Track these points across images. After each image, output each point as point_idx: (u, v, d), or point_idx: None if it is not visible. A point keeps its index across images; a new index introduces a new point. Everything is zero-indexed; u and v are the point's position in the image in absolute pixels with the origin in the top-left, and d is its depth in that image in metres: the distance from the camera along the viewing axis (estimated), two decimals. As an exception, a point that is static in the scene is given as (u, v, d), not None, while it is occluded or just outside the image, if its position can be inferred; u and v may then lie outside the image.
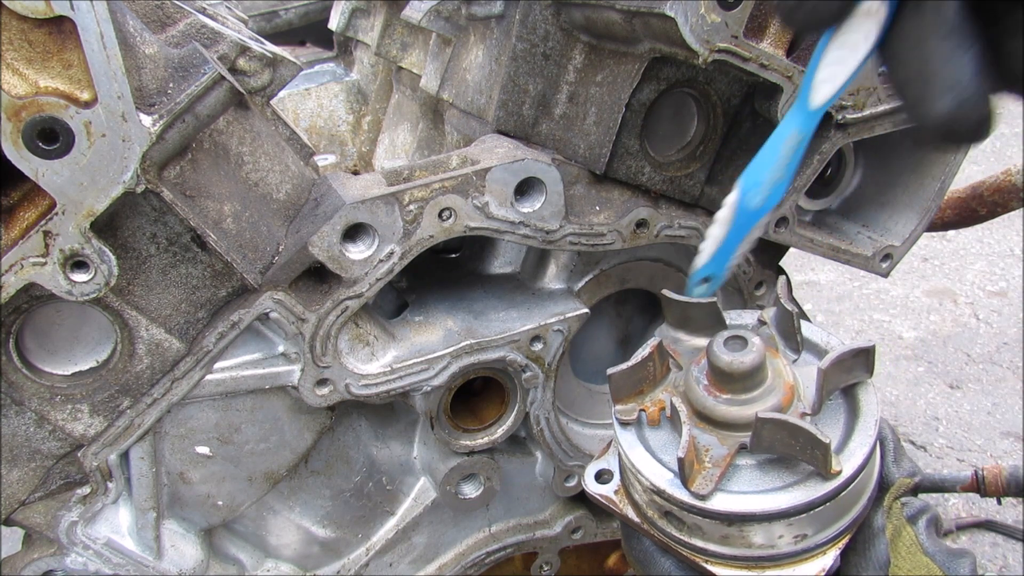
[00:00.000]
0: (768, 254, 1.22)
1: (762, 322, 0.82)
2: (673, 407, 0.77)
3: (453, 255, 1.21)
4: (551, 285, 1.17)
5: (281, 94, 1.18)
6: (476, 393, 1.19)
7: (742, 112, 1.12)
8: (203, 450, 1.05)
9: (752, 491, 0.72)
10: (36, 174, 0.73)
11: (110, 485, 1.00)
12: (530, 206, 1.03)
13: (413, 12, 1.25)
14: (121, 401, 0.96)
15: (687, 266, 1.26)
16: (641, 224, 1.11)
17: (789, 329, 0.80)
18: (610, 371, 0.80)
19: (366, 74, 1.70)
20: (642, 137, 1.09)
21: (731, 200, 0.76)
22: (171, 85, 0.82)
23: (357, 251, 0.96)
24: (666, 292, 0.83)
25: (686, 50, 0.91)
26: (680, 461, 0.71)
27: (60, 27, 0.71)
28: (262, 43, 1.00)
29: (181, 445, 1.04)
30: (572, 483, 1.27)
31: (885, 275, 1.25)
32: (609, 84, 1.05)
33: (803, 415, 0.73)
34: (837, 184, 1.27)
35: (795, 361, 0.79)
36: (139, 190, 0.79)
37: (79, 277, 0.80)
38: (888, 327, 3.10)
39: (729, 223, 0.78)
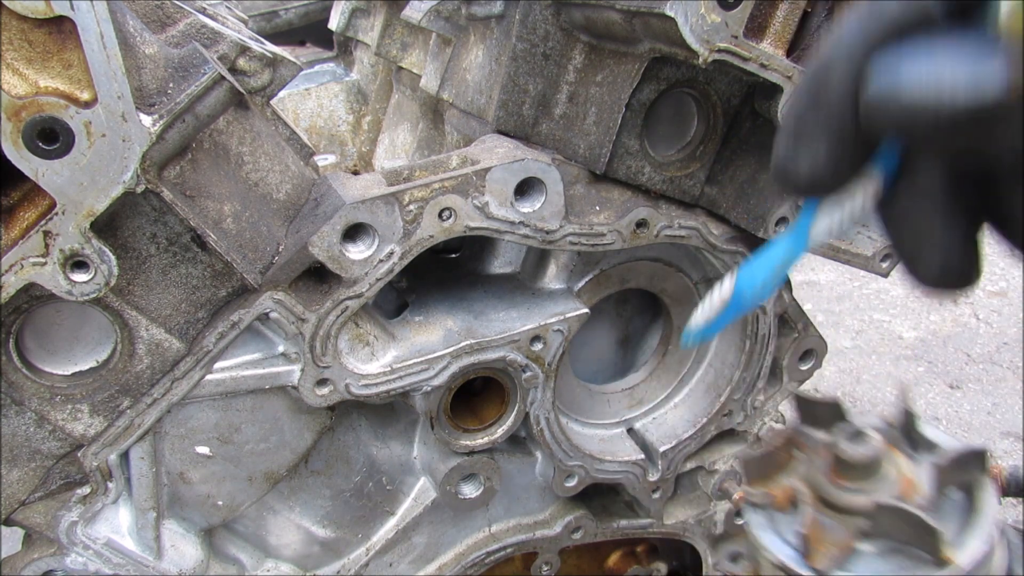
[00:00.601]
0: (768, 254, 1.21)
1: (884, 422, 0.89)
2: (798, 491, 0.85)
3: (453, 255, 1.21)
4: (551, 285, 1.17)
5: (281, 94, 1.18)
6: (476, 393, 1.19)
7: (742, 112, 1.12)
8: (203, 450, 1.05)
9: (871, 574, 0.78)
10: (36, 174, 0.73)
11: (110, 485, 1.00)
12: (530, 206, 1.03)
13: (413, 12, 1.25)
14: (121, 401, 0.96)
15: (687, 266, 1.27)
16: (641, 224, 1.10)
17: (909, 428, 0.86)
18: (742, 456, 0.91)
19: (366, 74, 1.70)
20: (642, 137, 1.09)
21: (728, 287, 0.81)
22: (171, 85, 0.82)
23: (357, 251, 0.96)
24: (799, 392, 0.89)
25: (686, 50, 0.91)
26: (802, 536, 0.79)
27: (60, 27, 0.71)
28: (262, 43, 1.00)
29: (181, 445, 1.04)
30: (572, 483, 1.27)
31: (885, 275, 1.25)
32: (609, 84, 1.05)
33: (920, 507, 0.79)
34: (837, 184, 1.26)
35: (915, 459, 0.85)
36: (139, 190, 0.79)
37: (79, 277, 0.80)
38: (888, 327, 3.10)
39: (724, 304, 0.83)
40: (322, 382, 1.01)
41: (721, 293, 0.82)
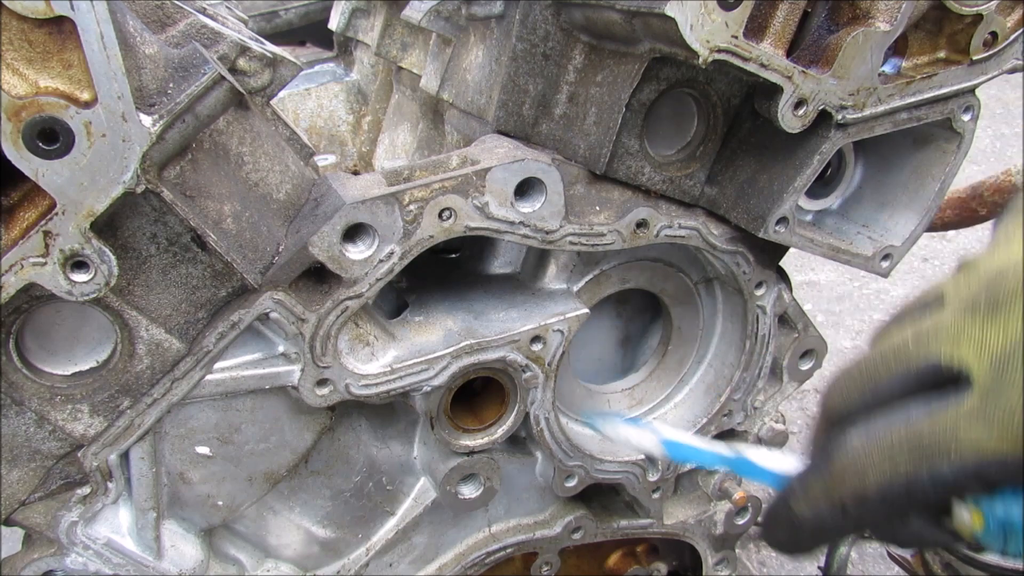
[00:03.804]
0: (768, 254, 1.22)
1: None
2: None
3: (453, 255, 1.21)
4: (551, 285, 1.17)
5: (281, 94, 1.18)
6: (476, 393, 1.19)
7: (742, 112, 1.12)
8: (203, 450, 1.05)
9: None
10: (36, 174, 0.73)
11: (110, 485, 1.00)
12: (530, 206, 1.03)
13: (413, 12, 1.25)
14: (121, 401, 0.96)
15: (687, 266, 1.27)
16: (641, 224, 1.11)
17: None
18: None
19: (366, 74, 1.70)
20: (642, 137, 1.09)
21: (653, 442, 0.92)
22: (171, 85, 0.82)
23: (357, 251, 0.96)
24: None
25: (686, 50, 0.91)
26: None
27: (60, 27, 0.71)
28: (262, 43, 1.00)
29: (181, 445, 1.04)
30: (572, 483, 1.27)
31: (885, 275, 1.25)
32: (609, 84, 1.05)
33: None
34: (837, 184, 1.27)
35: None
36: (139, 190, 0.79)
37: (79, 277, 0.80)
38: (888, 327, 3.09)
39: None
40: (322, 382, 1.02)
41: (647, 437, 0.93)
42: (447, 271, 1.19)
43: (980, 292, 0.58)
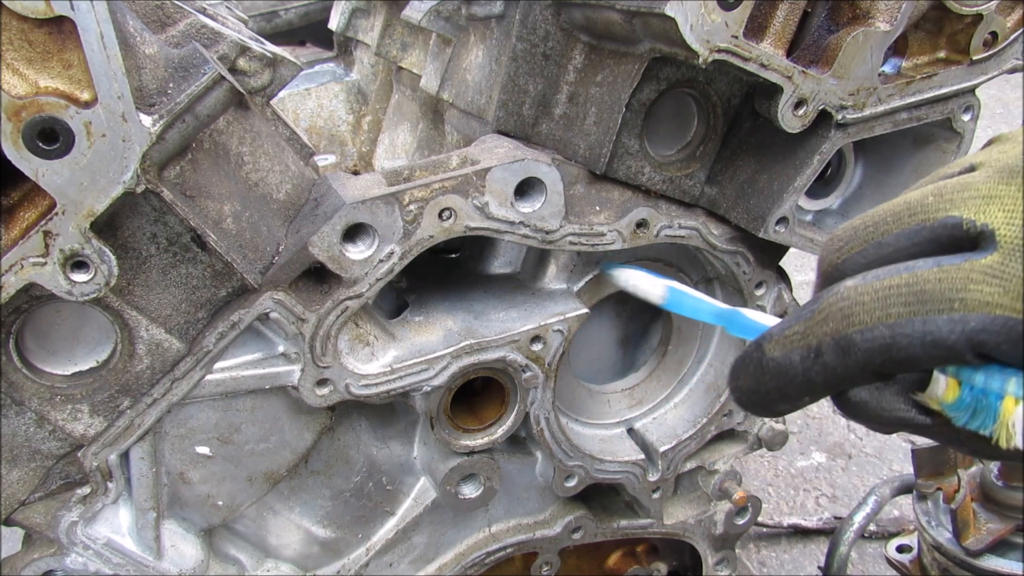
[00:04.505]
0: (768, 254, 1.22)
1: None
2: (960, 482, 0.95)
3: (453, 255, 1.21)
4: (551, 285, 1.17)
5: (281, 94, 1.18)
6: (476, 393, 1.19)
7: (742, 112, 1.12)
8: (203, 450, 1.05)
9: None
10: (36, 174, 0.73)
11: (110, 485, 1.00)
12: (530, 206, 1.03)
13: (413, 12, 1.25)
14: (121, 401, 0.96)
15: (687, 266, 1.27)
16: (641, 224, 1.11)
17: None
18: (914, 448, 1.04)
19: (366, 74, 1.70)
20: (642, 137, 1.09)
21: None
22: (171, 85, 0.82)
23: (357, 251, 0.96)
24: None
25: (686, 50, 0.91)
26: (953, 513, 0.87)
27: (60, 27, 0.71)
28: (262, 43, 1.00)
29: (181, 445, 1.04)
30: (572, 483, 1.27)
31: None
32: (609, 84, 1.05)
33: None
34: (837, 184, 1.27)
35: None
36: (139, 190, 0.79)
37: (79, 277, 0.80)
38: (888, 327, 3.09)
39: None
40: (322, 382, 1.02)
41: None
42: (447, 271, 1.19)
43: (1018, 158, 0.53)
